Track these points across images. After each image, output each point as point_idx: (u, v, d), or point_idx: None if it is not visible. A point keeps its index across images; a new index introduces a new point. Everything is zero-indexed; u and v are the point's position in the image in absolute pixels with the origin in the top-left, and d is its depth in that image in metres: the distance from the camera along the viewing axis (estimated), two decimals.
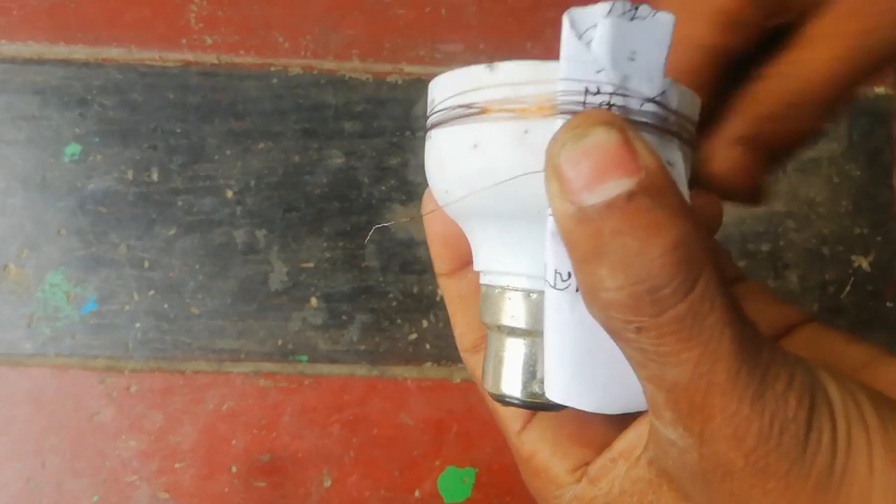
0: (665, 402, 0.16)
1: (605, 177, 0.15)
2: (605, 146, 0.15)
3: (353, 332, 0.40)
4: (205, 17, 0.41)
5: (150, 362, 0.39)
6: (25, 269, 0.39)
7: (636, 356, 0.16)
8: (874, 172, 0.43)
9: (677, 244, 0.15)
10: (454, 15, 0.42)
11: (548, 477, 0.21)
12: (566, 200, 0.15)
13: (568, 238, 0.16)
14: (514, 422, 0.22)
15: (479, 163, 0.18)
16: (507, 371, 0.20)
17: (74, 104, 0.40)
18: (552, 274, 0.17)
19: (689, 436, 0.16)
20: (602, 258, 0.15)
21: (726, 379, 0.15)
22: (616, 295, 0.15)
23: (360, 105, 0.41)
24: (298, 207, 0.40)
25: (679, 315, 0.15)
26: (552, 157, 0.15)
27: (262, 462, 0.38)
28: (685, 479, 0.17)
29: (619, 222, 0.15)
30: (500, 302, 0.20)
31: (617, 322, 0.16)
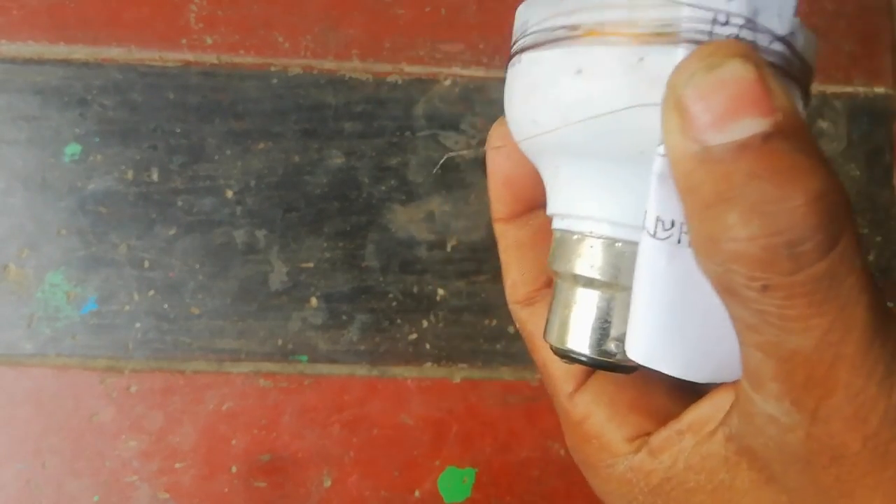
0: (776, 373, 0.14)
1: (739, 115, 0.13)
2: (740, 80, 0.13)
3: (353, 332, 0.40)
4: (205, 16, 0.41)
5: (151, 362, 0.39)
6: (25, 270, 0.39)
7: (751, 319, 0.14)
8: (874, 172, 0.43)
9: (822, 194, 0.13)
10: (454, 15, 0.42)
11: (600, 444, 0.19)
12: (689, 138, 0.14)
13: (687, 180, 0.14)
14: (566, 381, 0.20)
15: (581, 90, 0.16)
16: (576, 325, 0.18)
17: (74, 104, 0.40)
18: (653, 221, 0.15)
19: (799, 412, 0.14)
20: (731, 203, 0.13)
21: (856, 351, 0.14)
22: (746, 246, 0.13)
23: (360, 105, 0.41)
24: (298, 207, 0.40)
25: (818, 274, 0.13)
26: (676, 87, 0.14)
27: (263, 462, 0.39)
28: (777, 461, 0.16)
29: (755, 165, 0.13)
30: (578, 249, 0.18)
31: (738, 278, 0.14)
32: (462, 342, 0.40)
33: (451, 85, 0.41)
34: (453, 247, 0.40)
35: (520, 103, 0.18)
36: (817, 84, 0.41)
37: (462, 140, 0.41)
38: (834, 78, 0.43)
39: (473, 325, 0.40)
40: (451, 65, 0.41)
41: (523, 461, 0.39)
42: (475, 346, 0.40)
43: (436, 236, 0.40)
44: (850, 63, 0.43)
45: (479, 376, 0.40)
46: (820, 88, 0.43)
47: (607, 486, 0.19)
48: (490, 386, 0.40)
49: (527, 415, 0.39)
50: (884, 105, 0.43)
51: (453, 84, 0.41)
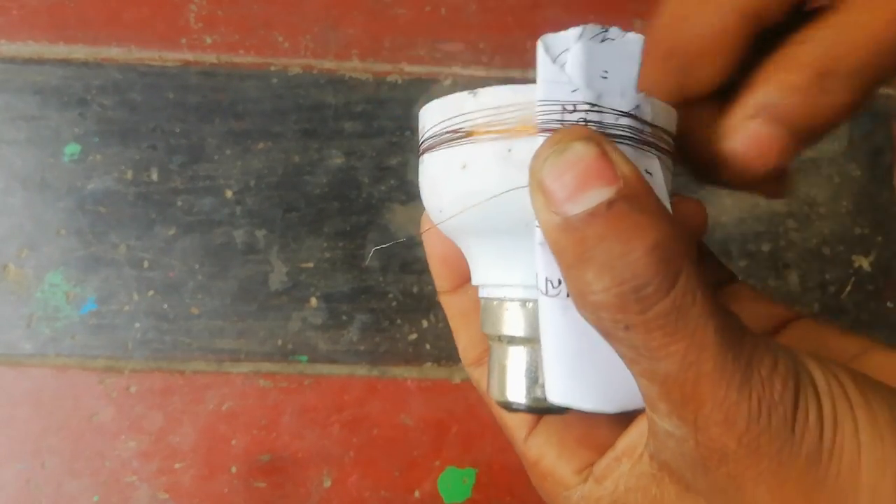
0: (659, 395, 0.17)
1: (586, 187, 0.16)
2: (584, 159, 0.16)
3: (352, 332, 0.40)
4: (204, 16, 0.41)
5: (150, 362, 0.39)
6: (25, 270, 0.39)
7: (628, 353, 0.17)
8: (875, 172, 0.43)
9: (657, 244, 0.16)
10: (454, 14, 0.42)
11: (555, 479, 0.21)
12: (551, 212, 0.16)
13: (555, 247, 0.17)
14: (520, 429, 0.22)
15: (468, 182, 0.19)
16: (510, 378, 0.21)
17: (74, 104, 0.40)
18: (543, 282, 0.18)
19: (684, 425, 0.17)
20: (588, 263, 0.16)
21: (713, 367, 0.16)
22: (603, 296, 0.16)
23: (359, 105, 0.41)
24: (298, 207, 0.40)
25: (664, 310, 0.16)
26: (535, 172, 0.16)
27: (262, 462, 0.38)
28: (685, 469, 0.18)
29: (602, 228, 0.16)
30: (498, 313, 0.21)
31: (606, 322, 0.16)
32: None
33: (451, 84, 0.41)
34: None
35: (429, 197, 0.21)
36: None
37: None
38: None
39: None
40: (451, 64, 0.41)
41: None
42: None
43: None
44: None
45: None
46: None
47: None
48: None
49: None
50: (884, 105, 0.43)
51: (453, 84, 0.41)
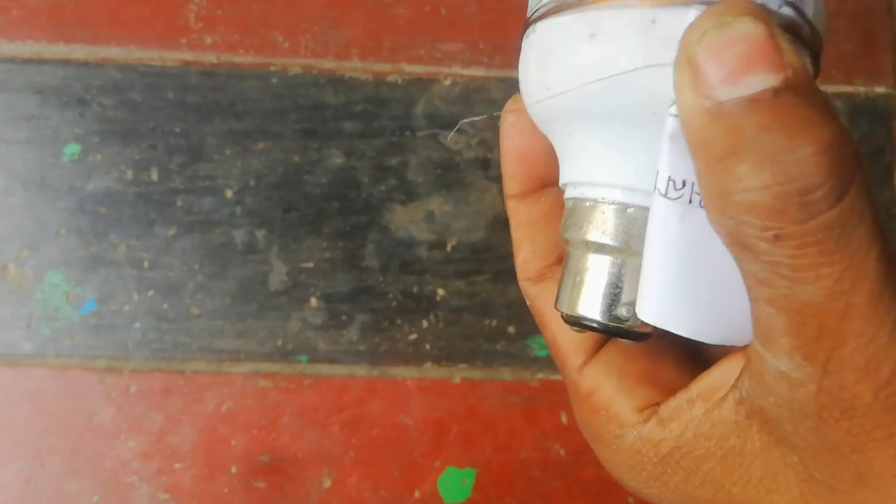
0: (787, 327, 0.14)
1: (750, 70, 0.14)
2: (751, 37, 0.14)
3: (352, 332, 0.40)
4: (204, 16, 0.41)
5: (150, 362, 0.39)
6: (25, 269, 0.39)
7: (762, 272, 0.14)
8: (874, 172, 0.43)
9: (831, 144, 0.13)
10: (454, 14, 0.42)
11: (609, 415, 0.19)
12: (700, 94, 0.14)
13: (699, 135, 0.14)
14: (575, 354, 0.20)
15: (595, 53, 0.16)
16: (588, 291, 0.18)
17: (74, 104, 0.40)
18: (664, 181, 0.16)
19: (810, 365, 0.15)
20: (742, 155, 0.14)
21: (868, 300, 0.14)
22: (758, 195, 0.14)
23: (359, 105, 0.41)
24: (298, 207, 0.40)
25: (829, 222, 0.14)
26: (689, 45, 0.14)
27: (262, 462, 0.38)
28: (788, 419, 0.16)
29: (766, 118, 0.14)
30: (591, 215, 0.18)
31: (751, 229, 0.14)
32: (462, 342, 0.40)
33: (451, 85, 0.41)
34: (453, 247, 0.40)
35: (535, 70, 0.18)
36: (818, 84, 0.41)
37: (462, 139, 0.41)
38: (834, 78, 0.43)
39: (473, 325, 0.40)
40: (451, 64, 0.41)
41: (523, 461, 0.39)
42: (475, 346, 0.40)
43: (436, 236, 0.40)
44: (851, 63, 0.43)
45: (479, 376, 0.40)
46: (820, 88, 0.43)
47: (616, 458, 0.19)
48: (490, 386, 0.40)
49: (527, 415, 0.39)
50: (884, 105, 0.43)
51: (453, 84, 0.41)
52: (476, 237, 0.40)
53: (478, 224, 0.40)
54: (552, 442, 0.39)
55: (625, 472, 0.19)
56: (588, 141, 0.18)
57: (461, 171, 0.41)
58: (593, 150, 0.18)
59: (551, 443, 0.39)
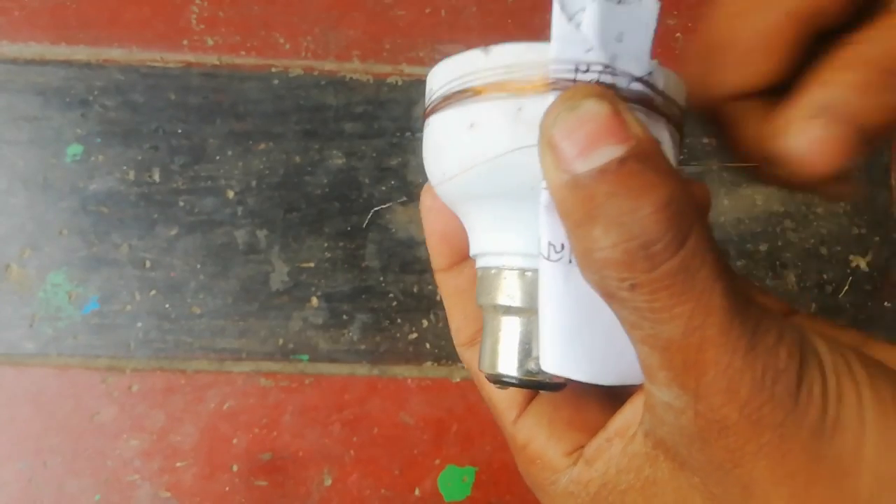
0: (660, 362, 0.16)
1: (598, 144, 0.15)
2: (596, 116, 0.16)
3: (353, 331, 0.40)
4: (206, 17, 0.41)
5: (152, 362, 0.39)
6: (27, 269, 0.39)
7: (630, 317, 0.16)
8: (872, 172, 0.43)
9: (668, 201, 0.15)
10: (454, 16, 0.42)
11: (543, 463, 0.21)
12: (560, 169, 0.16)
13: (562, 205, 0.16)
14: (509, 410, 0.22)
15: (475, 141, 0.19)
16: (503, 350, 0.20)
17: (76, 105, 0.40)
18: (546, 246, 0.18)
19: (685, 394, 0.16)
20: (596, 220, 0.16)
21: (719, 332, 0.16)
22: (610, 253, 0.16)
23: (360, 106, 0.41)
24: (299, 208, 0.40)
25: (672, 269, 0.15)
26: (546, 128, 0.16)
27: (263, 461, 0.39)
28: (681, 445, 0.17)
29: (612, 185, 0.15)
30: (496, 282, 0.20)
31: (611, 281, 0.16)
32: None
33: None
34: None
35: (432, 160, 0.20)
36: None
37: None
38: None
39: None
40: None
41: None
42: None
43: None
44: None
45: None
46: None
47: (555, 503, 0.21)
48: None
49: None
50: None
51: None
52: None
53: None
54: None
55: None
56: (483, 216, 0.20)
57: None
58: (489, 224, 0.20)
59: None
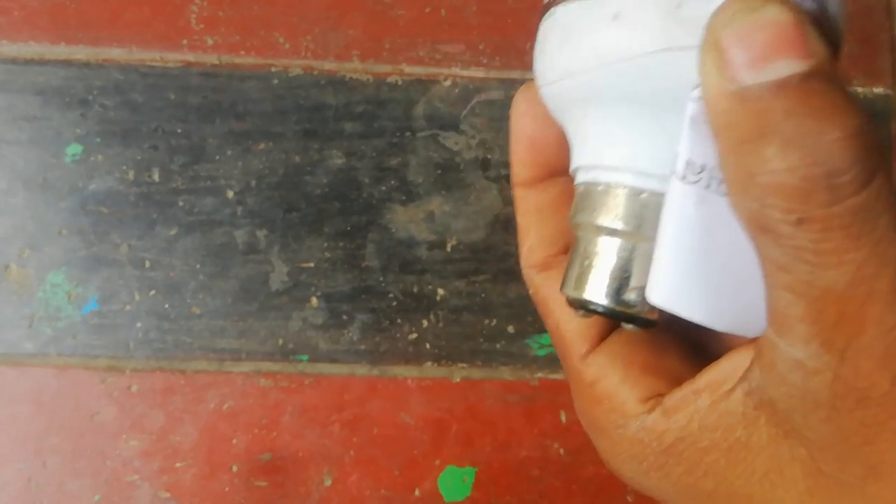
0: (805, 313, 0.14)
1: (777, 55, 0.14)
2: (778, 24, 0.14)
3: (353, 331, 0.40)
4: (205, 17, 0.41)
5: (152, 362, 0.39)
6: (27, 269, 0.39)
7: (783, 257, 0.14)
8: None
9: (859, 131, 0.13)
10: (454, 15, 0.42)
11: (612, 405, 0.19)
12: (726, 77, 0.14)
13: (724, 118, 0.14)
14: (579, 343, 0.20)
15: (618, 34, 0.16)
16: (596, 274, 0.18)
17: (76, 104, 0.40)
18: (683, 165, 0.16)
19: (827, 352, 0.14)
20: (769, 138, 0.14)
21: (891, 287, 0.14)
22: (784, 177, 0.14)
23: (360, 106, 0.41)
24: (299, 207, 0.40)
25: (854, 207, 0.13)
26: (716, 28, 0.14)
27: (263, 461, 0.39)
28: (799, 410, 0.15)
29: (793, 102, 0.14)
30: (602, 199, 0.18)
31: (775, 212, 0.14)
32: (462, 342, 0.40)
33: (451, 85, 0.41)
34: (453, 247, 0.40)
35: (554, 52, 0.18)
36: None
37: (462, 140, 0.41)
38: None
39: (473, 324, 0.40)
40: (451, 65, 0.41)
41: (523, 460, 0.39)
42: (475, 345, 0.40)
43: (436, 236, 0.40)
44: (850, 63, 0.43)
45: (479, 376, 0.40)
46: None
47: (617, 448, 0.19)
48: (490, 385, 0.40)
49: (526, 414, 0.40)
50: (883, 105, 0.43)
51: (453, 85, 0.41)
52: (476, 237, 0.41)
53: (478, 224, 0.41)
54: (552, 441, 0.40)
55: (625, 463, 0.19)
56: (604, 124, 0.18)
57: (461, 171, 0.41)
58: (608, 133, 0.18)
59: (551, 441, 0.40)
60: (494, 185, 0.41)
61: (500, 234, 0.41)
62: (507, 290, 0.40)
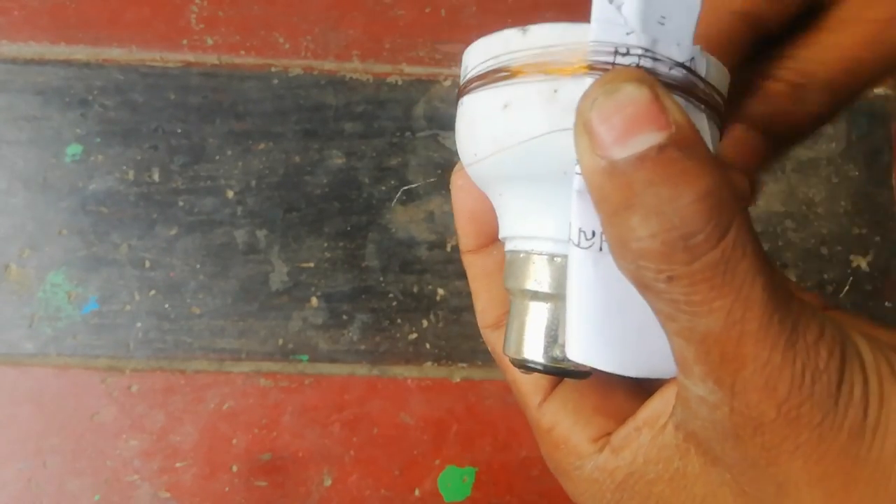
0: (696, 356, 0.16)
1: (636, 131, 0.15)
2: (636, 101, 0.15)
3: (353, 331, 0.40)
4: (205, 17, 0.41)
5: (152, 362, 0.39)
6: (27, 269, 0.39)
7: (666, 309, 0.16)
8: (873, 172, 0.43)
9: (710, 191, 0.15)
10: (454, 15, 0.42)
11: (567, 448, 0.20)
12: (596, 155, 0.15)
13: (598, 192, 0.16)
14: (534, 394, 0.21)
15: (509, 122, 0.18)
16: (529, 335, 0.20)
17: (76, 104, 0.40)
18: (577, 233, 0.17)
19: (720, 389, 0.16)
20: (633, 208, 0.15)
21: (759, 327, 0.15)
22: (648, 243, 0.15)
23: (360, 106, 0.41)
24: (299, 207, 0.40)
25: (712, 261, 0.15)
26: (583, 112, 0.15)
27: (263, 461, 0.39)
28: (714, 440, 0.17)
29: (651, 173, 0.15)
30: (524, 266, 0.20)
31: (648, 272, 0.15)
32: (462, 342, 0.40)
33: (450, 85, 0.41)
34: (453, 247, 0.40)
35: (465, 139, 0.20)
36: None
37: None
38: None
39: (473, 324, 0.40)
40: (450, 65, 0.41)
41: (522, 460, 0.39)
42: (475, 345, 0.40)
43: (436, 236, 0.40)
44: None
45: (479, 376, 0.40)
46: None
47: (579, 489, 0.20)
48: (489, 385, 0.40)
49: None
50: (883, 106, 0.43)
51: (453, 85, 0.41)
52: None
53: None
54: None
55: (588, 502, 0.20)
56: (514, 199, 0.20)
57: None
58: (519, 207, 0.20)
59: None
60: None
61: None
62: None
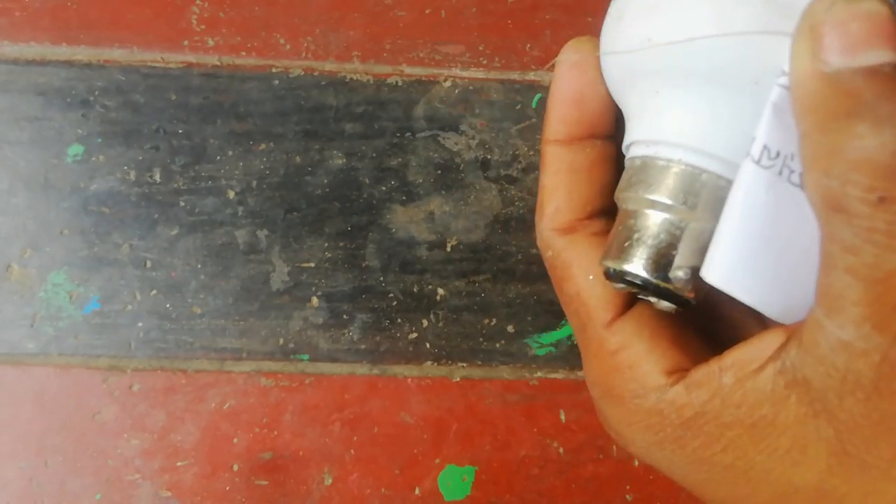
0: (862, 296, 0.15)
1: (871, 44, 0.14)
2: (876, 16, 0.14)
3: (353, 331, 0.40)
4: (206, 18, 0.42)
5: (153, 361, 0.39)
6: (28, 269, 0.39)
7: (852, 238, 0.14)
8: None
9: None
10: (454, 16, 0.42)
11: (633, 374, 0.19)
12: (818, 60, 0.15)
13: (813, 98, 0.15)
14: (604, 310, 0.20)
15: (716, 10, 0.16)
16: (642, 248, 0.18)
17: (77, 105, 0.40)
18: (759, 149, 0.16)
19: (879, 335, 0.15)
20: (861, 116, 0.14)
21: None
22: (875, 153, 0.14)
23: (360, 106, 0.41)
24: (300, 208, 0.40)
25: None
26: (814, 14, 0.15)
27: (264, 460, 0.39)
28: (836, 391, 0.16)
29: (884, 87, 0.14)
30: (662, 175, 0.18)
31: (855, 189, 0.14)
32: (462, 341, 0.40)
33: (451, 86, 0.41)
34: (453, 247, 0.41)
35: (634, 18, 0.18)
36: None
37: (462, 141, 0.41)
38: None
39: (473, 324, 0.40)
40: (451, 66, 0.42)
41: (523, 459, 0.39)
42: (475, 345, 0.40)
43: (436, 236, 0.41)
44: None
45: (479, 375, 0.40)
46: None
47: (632, 418, 0.19)
48: (489, 385, 0.40)
49: (526, 413, 0.40)
50: None
51: (453, 85, 0.41)
52: (476, 237, 0.41)
53: (477, 224, 0.41)
54: (551, 440, 0.40)
55: (638, 433, 0.19)
56: (675, 100, 0.18)
57: (461, 171, 0.41)
58: (678, 110, 0.18)
59: (550, 441, 0.40)
60: (494, 185, 0.41)
61: (500, 234, 0.41)
62: (507, 289, 0.40)
